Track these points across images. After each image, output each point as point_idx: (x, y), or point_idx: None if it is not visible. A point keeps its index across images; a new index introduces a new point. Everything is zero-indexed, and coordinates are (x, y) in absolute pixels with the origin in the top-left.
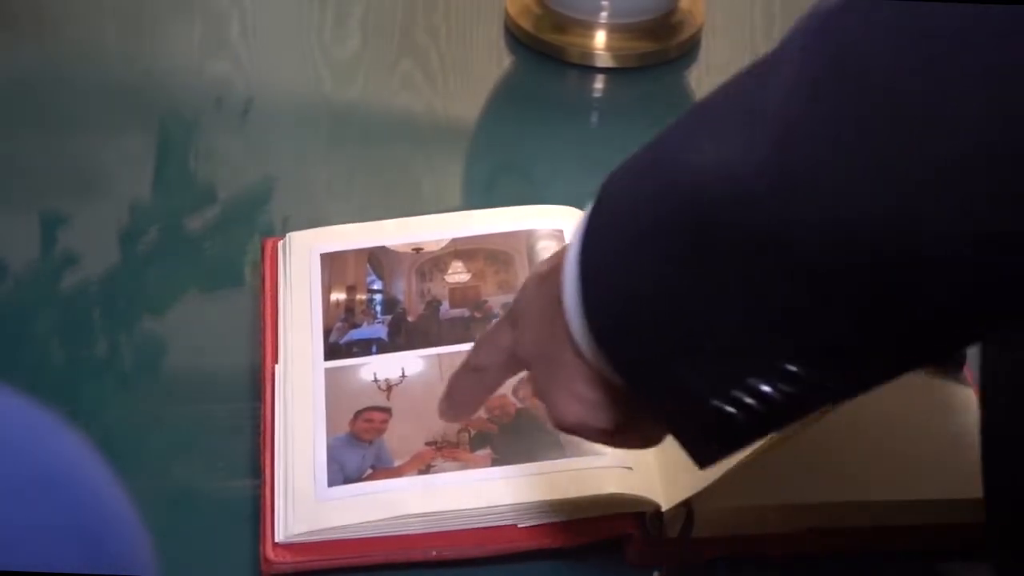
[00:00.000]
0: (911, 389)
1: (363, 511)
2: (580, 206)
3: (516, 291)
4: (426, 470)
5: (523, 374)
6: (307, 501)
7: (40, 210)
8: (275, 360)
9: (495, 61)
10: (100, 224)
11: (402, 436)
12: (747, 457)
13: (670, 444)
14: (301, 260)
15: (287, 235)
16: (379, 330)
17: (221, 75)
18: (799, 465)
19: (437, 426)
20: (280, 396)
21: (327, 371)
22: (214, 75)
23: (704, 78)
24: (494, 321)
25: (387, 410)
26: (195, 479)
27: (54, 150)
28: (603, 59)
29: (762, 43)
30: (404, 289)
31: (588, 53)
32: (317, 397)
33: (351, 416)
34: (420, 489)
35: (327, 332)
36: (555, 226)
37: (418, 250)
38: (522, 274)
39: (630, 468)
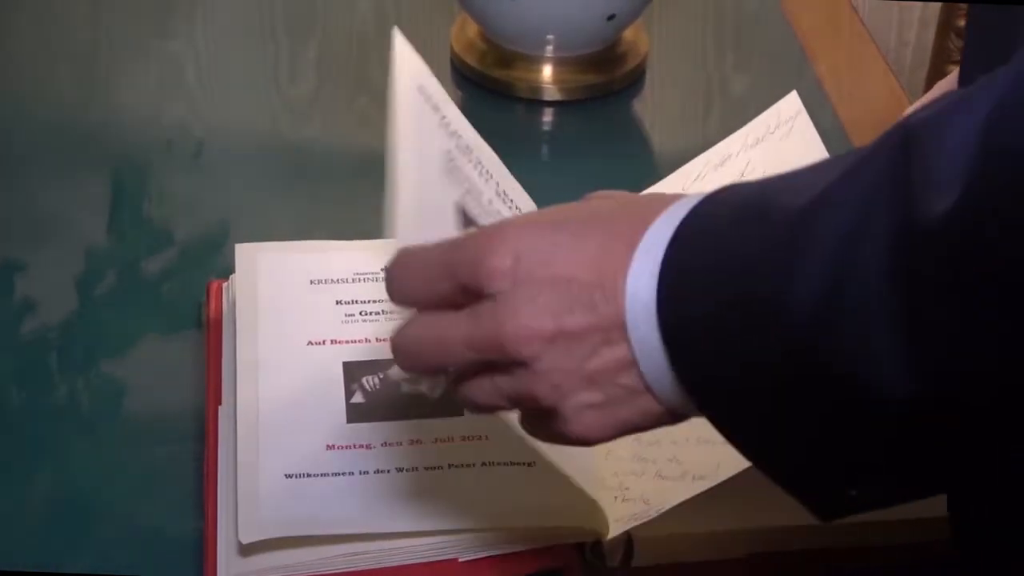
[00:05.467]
0: None
1: (304, 550)
2: None
3: None
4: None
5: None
6: None
7: None
8: (218, 401)
9: (450, 95)
10: (56, 270)
11: None
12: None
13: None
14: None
15: (230, 277)
16: None
17: (177, 117)
18: (738, 491)
19: None
20: (223, 437)
21: None
22: (170, 118)
23: (650, 107)
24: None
25: None
26: (143, 520)
27: (8, 195)
28: (550, 92)
29: (714, 69)
30: None
31: (535, 87)
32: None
33: None
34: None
35: None
36: None
37: None
38: None
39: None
